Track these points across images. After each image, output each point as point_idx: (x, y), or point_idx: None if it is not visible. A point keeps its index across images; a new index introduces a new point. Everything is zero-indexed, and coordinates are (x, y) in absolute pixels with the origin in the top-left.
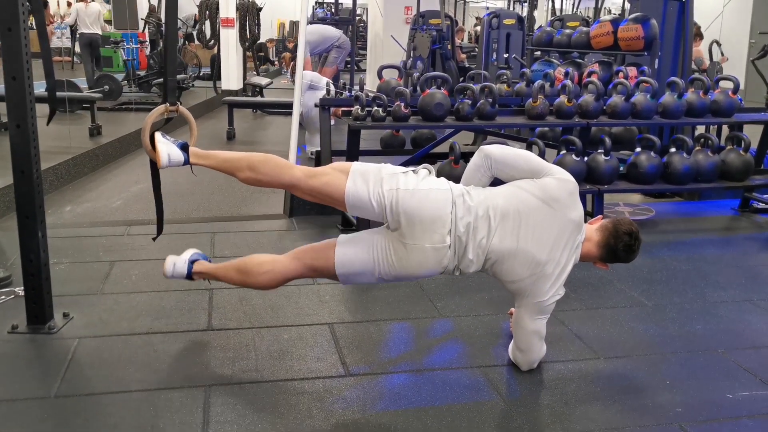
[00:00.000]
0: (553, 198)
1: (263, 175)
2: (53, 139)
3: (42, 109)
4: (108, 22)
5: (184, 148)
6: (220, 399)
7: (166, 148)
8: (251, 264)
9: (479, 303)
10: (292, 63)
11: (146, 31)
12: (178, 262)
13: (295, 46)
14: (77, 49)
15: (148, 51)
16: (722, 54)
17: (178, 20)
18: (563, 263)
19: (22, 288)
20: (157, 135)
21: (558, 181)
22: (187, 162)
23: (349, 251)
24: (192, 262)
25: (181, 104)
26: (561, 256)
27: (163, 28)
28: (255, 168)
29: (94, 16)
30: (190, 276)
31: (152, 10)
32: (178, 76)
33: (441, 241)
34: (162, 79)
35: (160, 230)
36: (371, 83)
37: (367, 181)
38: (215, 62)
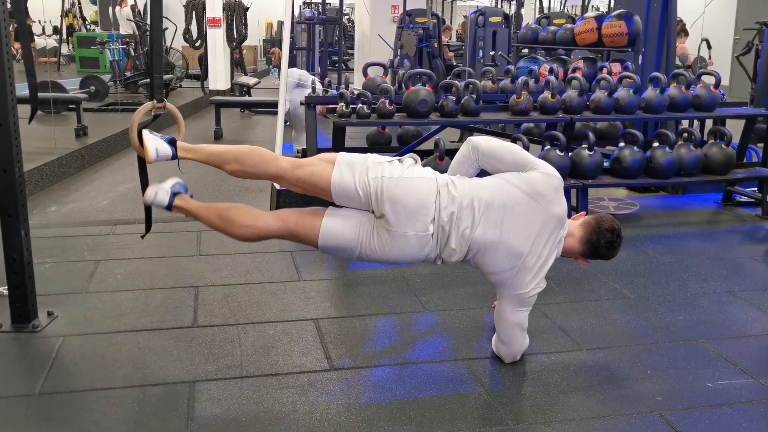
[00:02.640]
0: (538, 192)
1: (249, 166)
2: (39, 140)
3: (24, 109)
4: (94, 23)
5: (171, 142)
6: (204, 394)
7: (154, 143)
8: (234, 213)
9: (464, 297)
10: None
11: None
12: (159, 192)
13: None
14: (64, 50)
15: (133, 52)
16: (709, 57)
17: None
18: (545, 256)
19: (6, 287)
20: (145, 132)
21: (544, 175)
22: (175, 156)
23: (336, 225)
24: (174, 194)
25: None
26: (543, 249)
27: (147, 28)
28: (241, 160)
29: (125, 18)
30: (170, 207)
31: (133, 11)
32: (165, 77)
33: (424, 229)
34: (147, 80)
35: (148, 228)
36: (359, 82)
37: (353, 170)
38: (203, 62)
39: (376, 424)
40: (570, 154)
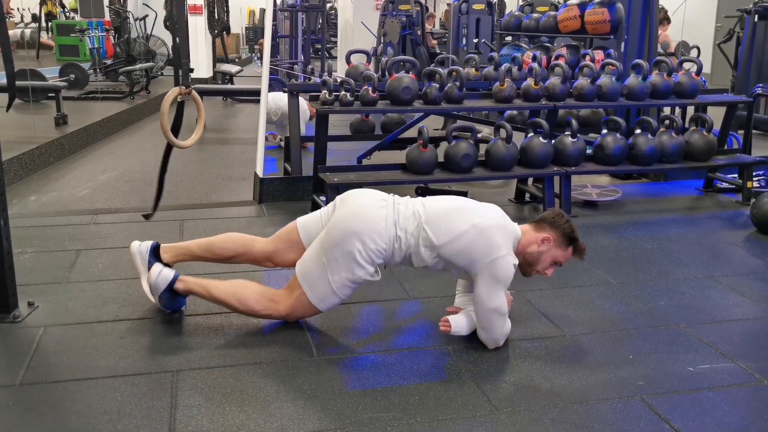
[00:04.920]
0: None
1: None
2: (18, 129)
3: (2, 98)
4: (74, 10)
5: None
6: (188, 383)
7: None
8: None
9: (448, 284)
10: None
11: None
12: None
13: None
14: (44, 38)
15: (114, 39)
16: (698, 54)
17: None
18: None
19: None
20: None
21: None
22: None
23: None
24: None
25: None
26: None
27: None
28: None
29: None
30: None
31: None
32: (146, 65)
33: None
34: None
35: (155, 208)
36: (342, 70)
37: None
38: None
39: (360, 411)
40: (553, 141)
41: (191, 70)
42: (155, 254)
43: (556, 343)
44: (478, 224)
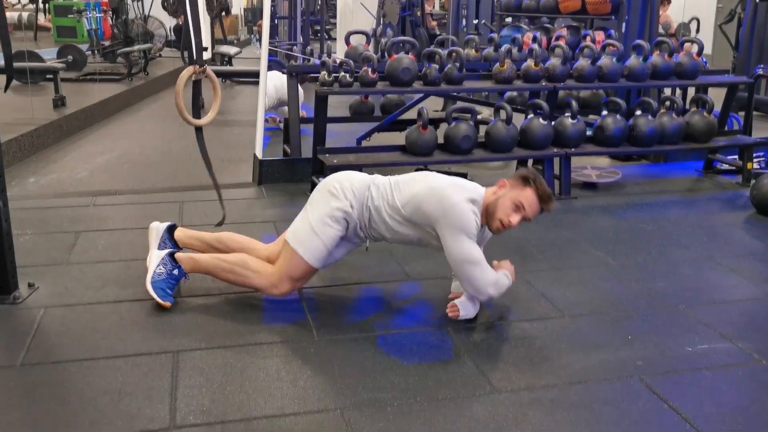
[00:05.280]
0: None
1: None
2: (16, 111)
3: None
4: None
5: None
6: (188, 364)
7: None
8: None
9: (447, 265)
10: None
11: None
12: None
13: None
14: (42, 20)
15: (111, 20)
16: (697, 31)
17: None
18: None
19: None
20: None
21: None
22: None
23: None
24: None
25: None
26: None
27: None
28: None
29: None
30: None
31: None
32: (144, 46)
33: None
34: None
35: (221, 203)
36: (341, 51)
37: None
38: (181, 31)
39: (359, 391)
40: (553, 122)
41: (205, 49)
42: (170, 232)
43: (555, 324)
44: (432, 185)
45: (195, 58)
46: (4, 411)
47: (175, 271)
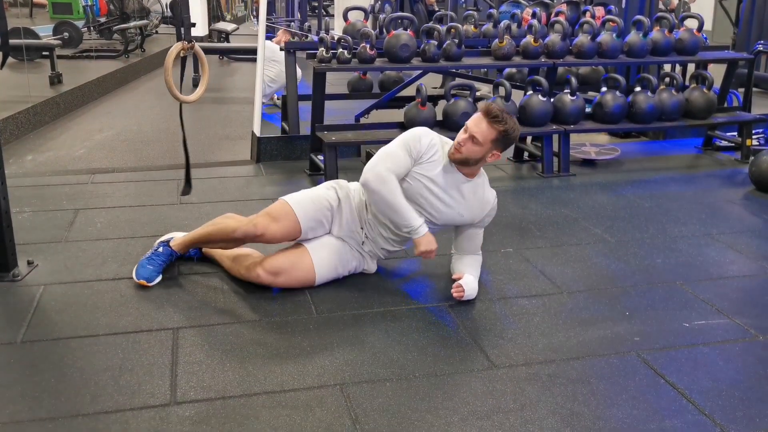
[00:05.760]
0: None
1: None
2: (12, 89)
3: None
4: None
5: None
6: (188, 340)
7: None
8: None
9: (447, 243)
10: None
11: None
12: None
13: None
14: None
15: None
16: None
17: None
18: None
19: None
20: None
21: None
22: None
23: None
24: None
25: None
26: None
27: None
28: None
29: None
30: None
31: None
32: (140, 23)
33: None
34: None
35: (188, 182)
36: (339, 27)
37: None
38: (175, 7)
39: (359, 367)
40: (552, 99)
41: (193, 25)
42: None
43: (553, 300)
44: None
45: (183, 34)
46: (6, 387)
47: (160, 249)
